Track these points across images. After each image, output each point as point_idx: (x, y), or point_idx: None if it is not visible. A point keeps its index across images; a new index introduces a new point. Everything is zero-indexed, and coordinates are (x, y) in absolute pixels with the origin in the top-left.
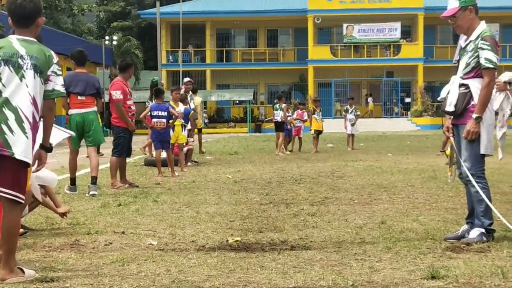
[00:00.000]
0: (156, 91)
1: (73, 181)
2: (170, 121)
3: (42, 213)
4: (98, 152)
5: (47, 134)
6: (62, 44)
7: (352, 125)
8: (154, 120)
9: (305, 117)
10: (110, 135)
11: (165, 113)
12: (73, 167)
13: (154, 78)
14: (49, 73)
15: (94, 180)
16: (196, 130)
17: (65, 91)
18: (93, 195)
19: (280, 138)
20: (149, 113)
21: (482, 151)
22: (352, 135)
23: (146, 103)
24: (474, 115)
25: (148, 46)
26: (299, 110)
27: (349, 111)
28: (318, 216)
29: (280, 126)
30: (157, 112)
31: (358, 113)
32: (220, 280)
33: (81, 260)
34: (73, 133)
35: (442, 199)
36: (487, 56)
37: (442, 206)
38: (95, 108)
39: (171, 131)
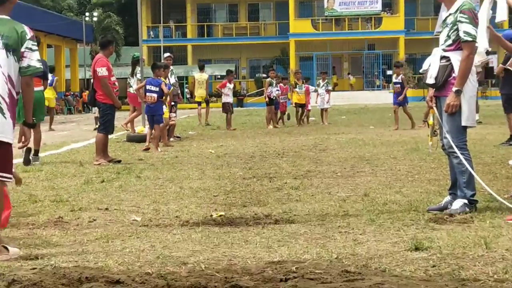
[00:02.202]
0: (153, 66)
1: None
2: (163, 98)
3: (25, 191)
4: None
5: (28, 110)
6: (42, 21)
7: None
8: (147, 94)
9: (288, 92)
10: (92, 112)
11: (157, 89)
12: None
13: (135, 54)
14: (23, 49)
15: (36, 152)
16: (204, 104)
17: (41, 66)
18: (36, 164)
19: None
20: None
21: (463, 123)
22: (325, 109)
23: (128, 79)
24: (454, 88)
25: (128, 22)
26: (282, 84)
27: (321, 85)
28: (301, 190)
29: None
30: (151, 86)
31: (330, 87)
32: (205, 255)
33: (65, 237)
34: None
35: (424, 170)
36: (466, 29)
37: (424, 178)
38: (41, 88)
39: (164, 107)
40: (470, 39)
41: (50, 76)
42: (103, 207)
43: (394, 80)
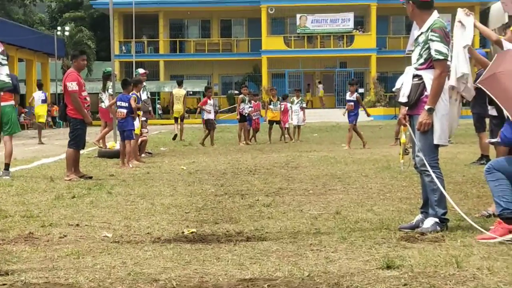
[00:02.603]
0: (123, 83)
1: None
2: (139, 112)
3: None
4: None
5: None
6: (14, 34)
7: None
8: (118, 109)
9: (260, 108)
10: (63, 127)
11: (127, 104)
12: None
13: (106, 69)
14: None
15: (7, 166)
16: (179, 120)
17: (10, 82)
18: (6, 179)
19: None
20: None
21: (435, 142)
22: (298, 126)
23: (99, 94)
24: (427, 107)
25: (100, 36)
26: (254, 101)
27: (295, 102)
28: (273, 207)
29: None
30: (121, 102)
31: (304, 105)
32: (176, 272)
33: (35, 253)
34: None
35: (395, 189)
36: (437, 47)
37: (396, 196)
38: (12, 102)
39: (136, 121)
40: (441, 57)
41: (41, 93)
42: (74, 223)
43: (348, 97)
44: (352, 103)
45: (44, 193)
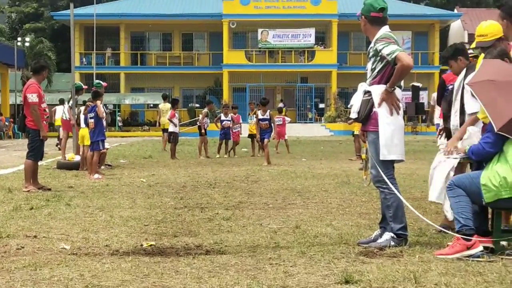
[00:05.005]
0: (94, 94)
1: None
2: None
3: None
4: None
5: None
6: None
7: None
8: (89, 120)
9: (240, 121)
10: (22, 138)
11: (93, 114)
12: None
13: (76, 83)
14: None
15: None
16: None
17: None
18: None
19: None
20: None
21: (381, 157)
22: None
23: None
24: (389, 88)
25: (61, 48)
26: (233, 114)
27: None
28: (233, 221)
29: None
30: (90, 114)
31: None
32: (135, 285)
33: None
34: None
35: (355, 204)
36: (386, 51)
37: (355, 211)
38: None
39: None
40: (396, 53)
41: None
42: (31, 234)
43: (261, 116)
44: (267, 122)
45: (2, 204)
